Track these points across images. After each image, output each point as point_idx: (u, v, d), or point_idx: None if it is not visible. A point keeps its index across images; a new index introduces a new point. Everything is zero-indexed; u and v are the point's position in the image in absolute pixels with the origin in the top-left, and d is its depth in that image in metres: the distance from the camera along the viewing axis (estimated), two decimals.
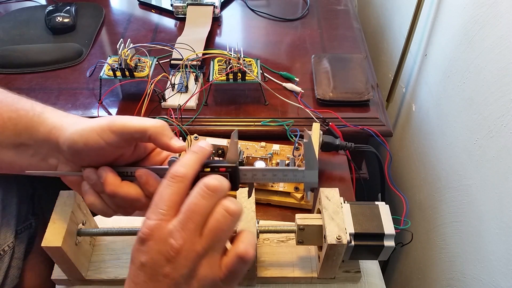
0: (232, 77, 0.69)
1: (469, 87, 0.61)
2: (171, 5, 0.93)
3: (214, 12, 0.91)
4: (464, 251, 0.63)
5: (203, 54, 0.78)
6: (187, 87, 0.73)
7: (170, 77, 0.72)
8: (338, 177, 0.65)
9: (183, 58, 0.72)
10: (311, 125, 0.63)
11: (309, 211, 0.60)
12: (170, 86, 0.73)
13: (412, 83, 0.83)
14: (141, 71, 0.70)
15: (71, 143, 0.38)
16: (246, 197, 0.47)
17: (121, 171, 0.40)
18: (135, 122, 0.37)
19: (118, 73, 0.69)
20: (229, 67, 0.69)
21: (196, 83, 0.75)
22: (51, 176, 0.41)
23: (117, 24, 0.93)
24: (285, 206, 0.60)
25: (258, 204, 0.60)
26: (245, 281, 0.51)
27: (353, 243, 0.44)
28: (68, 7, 0.91)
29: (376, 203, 0.47)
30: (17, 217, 0.61)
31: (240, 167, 0.38)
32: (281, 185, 0.60)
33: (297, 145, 0.63)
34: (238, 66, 0.68)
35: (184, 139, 0.65)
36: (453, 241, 0.67)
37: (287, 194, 0.60)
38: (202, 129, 0.70)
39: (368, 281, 0.52)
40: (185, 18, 0.90)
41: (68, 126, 0.39)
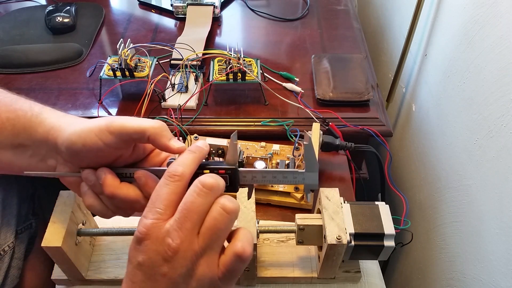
0: (232, 77, 0.69)
1: (469, 87, 0.61)
2: (171, 5, 0.93)
3: (214, 12, 0.91)
4: (464, 251, 0.63)
5: (203, 54, 0.78)
6: (187, 87, 0.73)
7: (170, 77, 0.72)
8: (338, 177, 0.65)
9: (183, 58, 0.72)
10: (311, 125, 0.63)
11: (309, 211, 0.60)
12: (170, 86, 0.73)
13: (412, 83, 0.83)
14: (141, 71, 0.70)
15: (69, 144, 0.37)
16: (246, 197, 0.47)
17: (120, 172, 0.39)
18: (133, 123, 0.37)
19: (118, 73, 0.69)
20: (229, 67, 0.69)
21: (196, 83, 0.75)
22: (49, 177, 0.41)
23: (117, 24, 0.93)
24: (285, 206, 0.60)
25: (258, 204, 0.60)
26: (245, 281, 0.51)
27: (353, 243, 0.44)
28: (68, 7, 0.91)
29: (376, 203, 0.47)
30: (17, 217, 0.61)
31: (240, 169, 0.38)
32: (281, 185, 0.60)
33: (297, 145, 0.63)
34: (238, 66, 0.68)
35: (184, 139, 0.65)
36: (453, 241, 0.67)
37: (287, 194, 0.60)
38: (202, 129, 0.70)
39: (368, 281, 0.52)
40: (185, 18, 0.90)
41: (66, 126, 0.38)
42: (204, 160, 0.37)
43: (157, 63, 0.74)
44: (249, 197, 0.41)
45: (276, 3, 0.99)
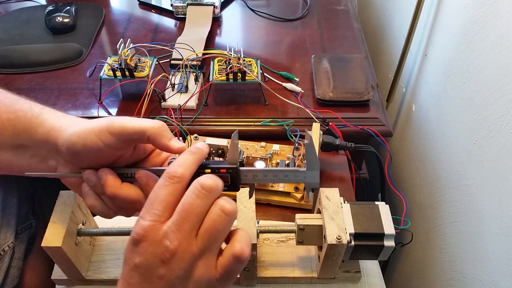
0: (232, 77, 0.69)
1: (469, 87, 0.61)
2: (171, 5, 0.93)
3: (214, 12, 0.91)
4: (464, 251, 0.63)
5: (203, 54, 0.78)
6: (187, 87, 0.73)
7: (170, 77, 0.72)
8: (338, 177, 0.65)
9: (183, 58, 0.72)
10: (311, 125, 0.63)
11: (309, 211, 0.60)
12: (170, 86, 0.73)
13: (412, 83, 0.83)
14: (141, 71, 0.70)
15: (69, 144, 0.37)
16: (246, 197, 0.47)
17: (121, 172, 0.39)
18: (133, 123, 0.37)
19: (118, 73, 0.69)
20: (229, 67, 0.69)
21: (196, 83, 0.75)
22: (50, 177, 0.41)
23: (117, 24, 0.93)
24: (285, 206, 0.60)
25: (258, 204, 0.60)
26: (245, 281, 0.51)
27: (353, 243, 0.44)
28: (68, 7, 0.91)
29: (376, 203, 0.47)
30: (17, 217, 0.61)
31: (241, 168, 0.38)
32: (281, 185, 0.60)
33: (297, 145, 0.63)
34: (238, 66, 0.68)
35: (184, 139, 0.65)
36: (453, 241, 0.67)
37: (287, 194, 0.60)
38: (202, 129, 0.70)
39: (368, 281, 0.52)
40: (185, 18, 0.90)
41: (66, 127, 0.38)
42: (204, 160, 0.37)
43: (157, 63, 0.74)
44: (250, 196, 0.40)
45: (276, 3, 0.99)
